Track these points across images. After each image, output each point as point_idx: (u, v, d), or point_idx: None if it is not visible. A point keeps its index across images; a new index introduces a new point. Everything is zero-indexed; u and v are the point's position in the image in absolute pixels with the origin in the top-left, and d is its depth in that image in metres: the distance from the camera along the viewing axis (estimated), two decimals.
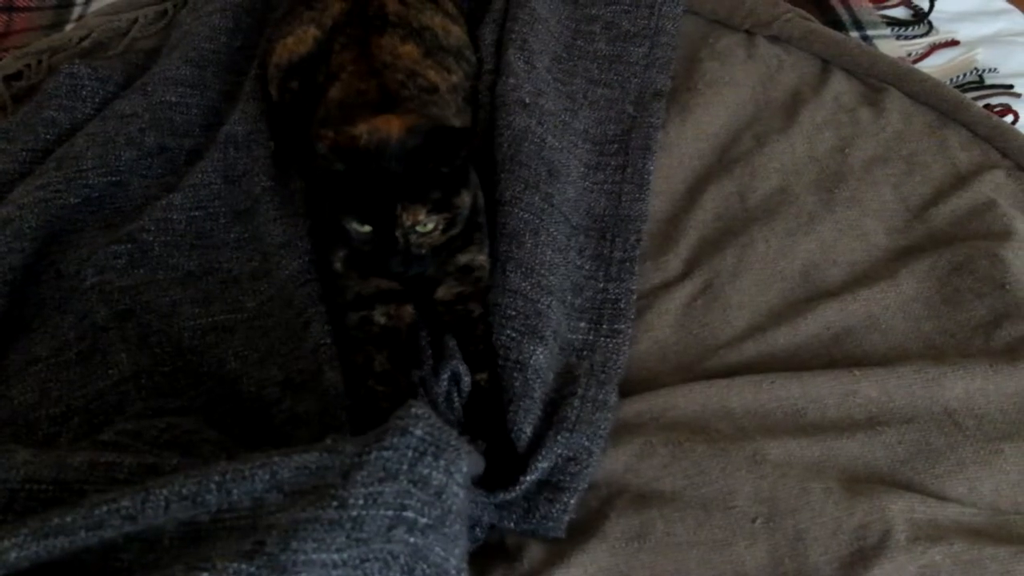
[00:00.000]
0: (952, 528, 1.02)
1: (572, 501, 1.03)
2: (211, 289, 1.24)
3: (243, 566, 0.71)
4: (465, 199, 1.11)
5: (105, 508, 0.80)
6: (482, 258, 1.20)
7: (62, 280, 1.24)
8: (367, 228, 1.07)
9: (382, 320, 1.15)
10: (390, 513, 0.78)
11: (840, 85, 1.57)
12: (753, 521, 1.03)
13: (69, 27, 1.66)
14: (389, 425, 0.82)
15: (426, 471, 0.82)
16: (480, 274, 1.20)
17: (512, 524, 1.02)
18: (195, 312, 1.21)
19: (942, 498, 1.05)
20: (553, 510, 1.02)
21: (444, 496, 0.82)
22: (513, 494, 1.02)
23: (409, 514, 0.79)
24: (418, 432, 0.82)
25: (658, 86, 1.53)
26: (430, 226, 1.08)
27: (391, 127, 1.08)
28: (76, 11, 1.72)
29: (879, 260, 1.32)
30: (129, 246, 1.25)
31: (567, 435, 1.06)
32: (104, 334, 1.18)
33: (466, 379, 1.11)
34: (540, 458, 1.04)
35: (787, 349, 1.21)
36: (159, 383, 1.15)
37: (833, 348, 1.22)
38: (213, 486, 0.82)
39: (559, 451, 1.05)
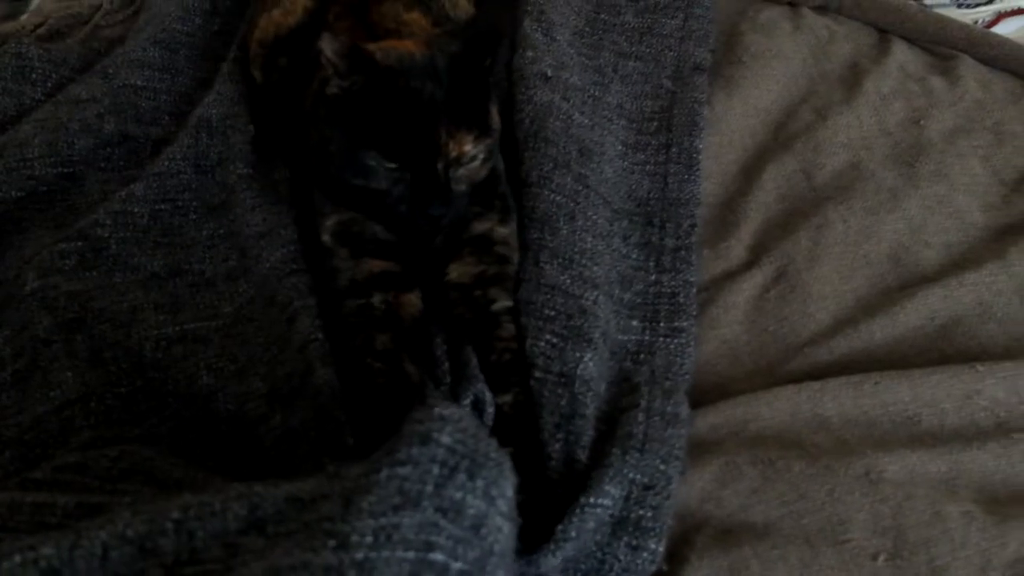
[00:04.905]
0: None
1: (661, 548, 0.79)
2: (179, 293, 1.03)
3: None
4: (496, 118, 0.93)
5: (18, 559, 0.58)
6: (504, 231, 0.99)
7: None
8: (392, 165, 0.86)
9: (383, 307, 0.94)
10: (410, 555, 0.55)
11: (903, 54, 1.39)
12: (875, 558, 0.80)
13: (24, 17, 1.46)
14: (404, 431, 0.59)
15: (459, 495, 0.58)
16: (503, 251, 0.98)
17: None
18: (159, 320, 0.99)
19: None
20: (638, 561, 0.78)
21: (484, 530, 0.59)
22: (574, 528, 0.76)
23: (437, 556, 0.56)
24: (445, 440, 0.59)
25: (697, 60, 1.34)
26: (481, 157, 0.90)
27: (402, 45, 0.88)
28: (34, 3, 1.53)
29: (979, 240, 1.13)
30: (80, 244, 1.03)
31: (637, 455, 0.83)
32: (46, 349, 0.96)
33: (490, 410, 0.89)
34: (606, 480, 0.80)
35: (886, 344, 1.00)
36: (113, 407, 0.93)
37: (941, 342, 1.00)
38: (170, 526, 0.60)
39: (630, 474, 0.82)
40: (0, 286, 1.02)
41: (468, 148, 0.87)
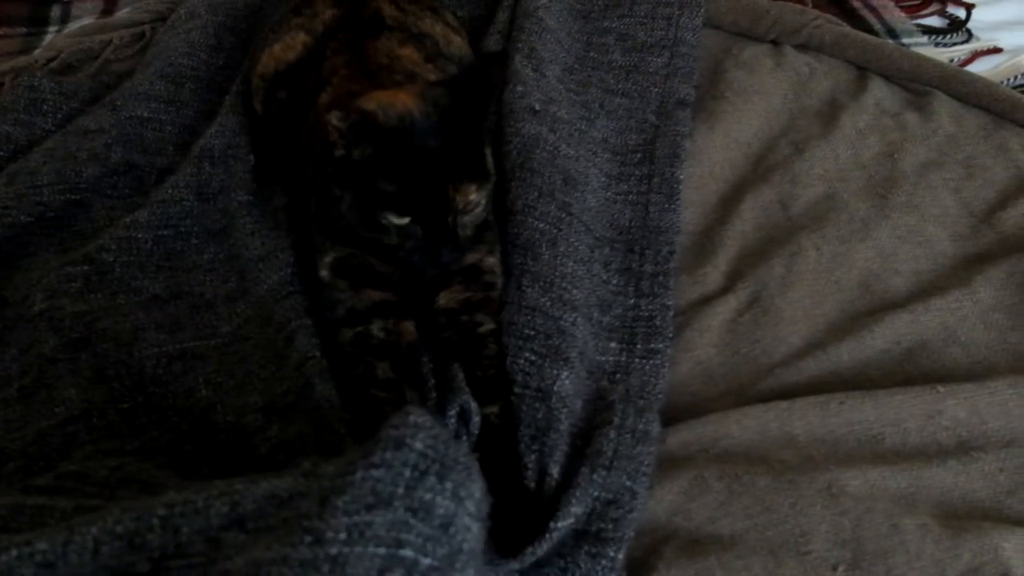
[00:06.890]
0: None
1: (620, 555, 0.84)
2: (180, 314, 1.08)
3: None
4: (490, 158, 0.97)
5: (14, 552, 0.63)
6: (492, 260, 1.04)
7: (6, 308, 1.08)
8: (405, 220, 0.90)
9: (381, 335, 0.98)
10: (382, 551, 0.59)
11: (880, 91, 1.44)
12: (835, 568, 0.84)
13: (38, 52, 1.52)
14: (380, 436, 0.64)
15: (428, 496, 0.63)
16: (490, 279, 1.03)
17: None
18: (160, 339, 1.04)
19: None
20: (598, 568, 0.83)
21: (452, 529, 0.63)
22: (541, 549, 0.82)
23: (407, 552, 0.60)
24: (418, 446, 0.64)
25: (681, 95, 1.40)
26: (483, 203, 0.94)
27: (397, 99, 0.92)
28: (47, 38, 1.60)
29: (947, 268, 1.17)
30: (86, 268, 1.09)
31: (604, 473, 0.87)
32: (52, 367, 1.01)
33: (476, 419, 0.93)
34: (573, 501, 0.84)
35: (853, 367, 1.04)
36: (114, 422, 0.98)
37: (907, 364, 1.04)
38: (156, 522, 0.64)
39: (595, 492, 0.86)
40: (9, 307, 1.08)
41: (472, 197, 0.91)
